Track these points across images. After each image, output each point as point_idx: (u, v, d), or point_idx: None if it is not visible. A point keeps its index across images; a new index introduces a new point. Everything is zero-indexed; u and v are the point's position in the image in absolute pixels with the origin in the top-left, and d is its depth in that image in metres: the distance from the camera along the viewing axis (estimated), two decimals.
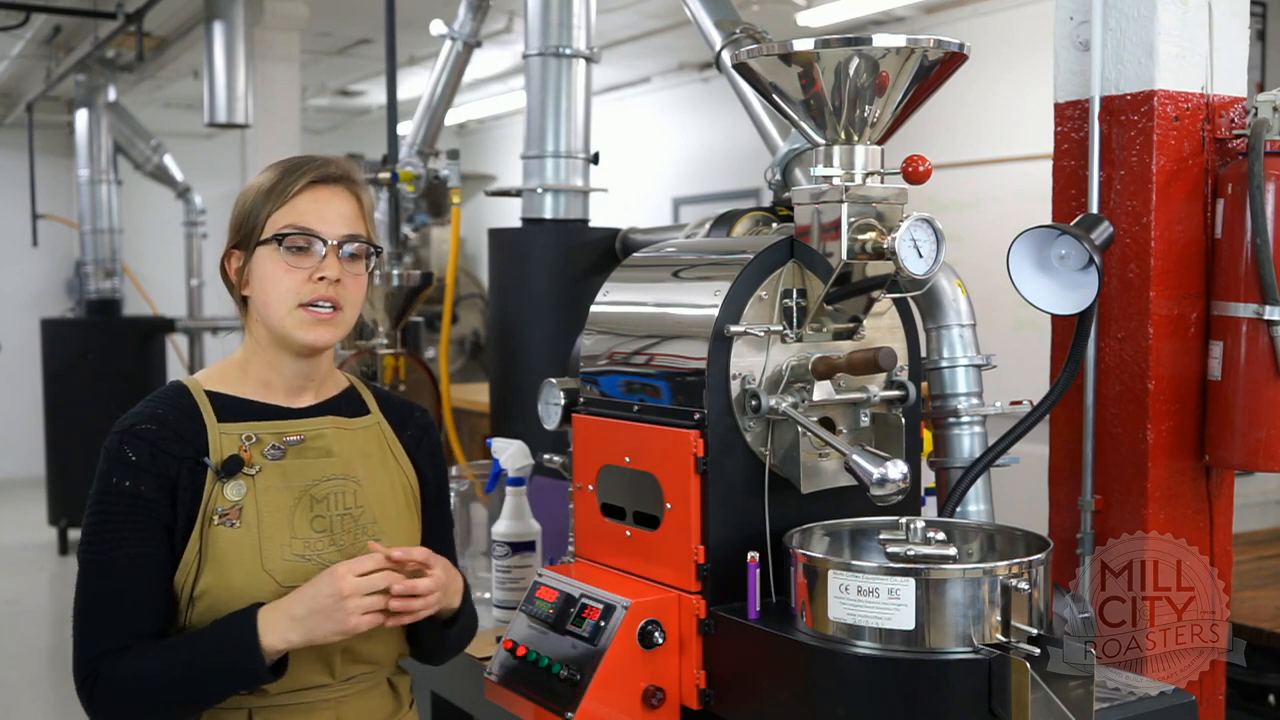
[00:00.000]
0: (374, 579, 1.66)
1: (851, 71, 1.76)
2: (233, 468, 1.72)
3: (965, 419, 2.35)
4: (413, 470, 1.92)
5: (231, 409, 1.77)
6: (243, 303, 1.82)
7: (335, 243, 1.76)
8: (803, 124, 1.88)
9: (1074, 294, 2.10)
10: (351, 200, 1.81)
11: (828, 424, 1.93)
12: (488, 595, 2.59)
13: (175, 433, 1.71)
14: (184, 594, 1.69)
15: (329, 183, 1.79)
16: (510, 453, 2.61)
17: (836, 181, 1.83)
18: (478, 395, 5.94)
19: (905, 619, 1.63)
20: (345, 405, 1.88)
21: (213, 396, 1.77)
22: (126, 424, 1.72)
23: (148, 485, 1.68)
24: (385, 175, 3.82)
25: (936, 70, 1.80)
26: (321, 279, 1.75)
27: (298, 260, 1.75)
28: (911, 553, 1.74)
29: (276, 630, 1.63)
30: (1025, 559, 1.69)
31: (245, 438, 1.74)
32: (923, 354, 2.14)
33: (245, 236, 1.78)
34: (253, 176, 1.84)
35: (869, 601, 1.65)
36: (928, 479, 2.36)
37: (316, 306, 1.75)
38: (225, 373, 1.83)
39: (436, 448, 1.99)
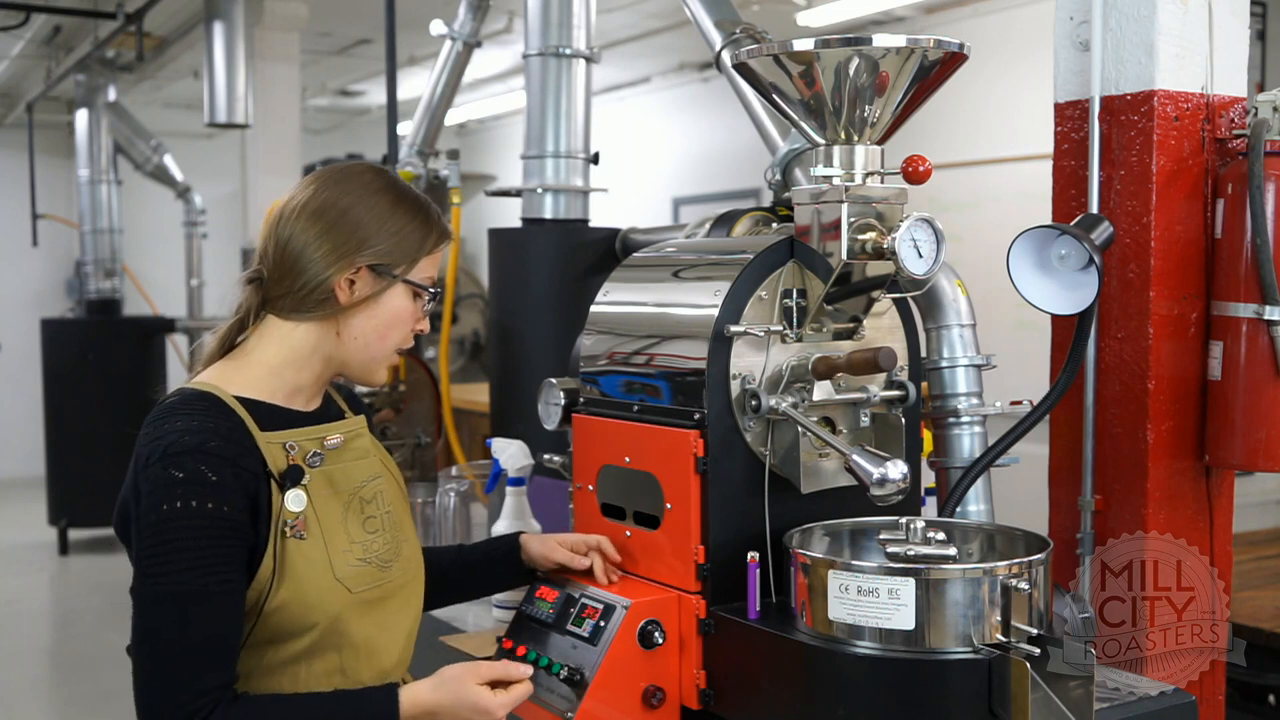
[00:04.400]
0: (519, 695, 1.66)
1: (851, 71, 1.76)
2: (295, 477, 1.65)
3: (965, 419, 2.35)
4: (393, 463, 1.93)
5: (265, 416, 1.69)
6: (318, 309, 1.72)
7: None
8: (803, 124, 1.88)
9: (1074, 294, 2.10)
10: None
11: (828, 424, 1.93)
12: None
13: (244, 447, 1.62)
14: (254, 608, 1.62)
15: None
16: (510, 453, 2.61)
17: (836, 181, 1.84)
18: (478, 395, 5.94)
19: (905, 619, 1.63)
20: (334, 408, 1.86)
21: (243, 404, 1.68)
22: (191, 441, 1.57)
23: (233, 506, 1.57)
24: None
25: (936, 70, 1.80)
26: (418, 330, 1.79)
27: (418, 309, 1.78)
28: (911, 553, 1.74)
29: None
30: (1025, 559, 1.69)
31: (288, 446, 1.67)
32: (923, 354, 2.14)
33: (390, 264, 1.72)
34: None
35: (869, 601, 1.65)
36: (928, 479, 2.36)
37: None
38: (245, 375, 1.72)
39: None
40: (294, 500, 1.64)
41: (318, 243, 1.71)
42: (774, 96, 1.88)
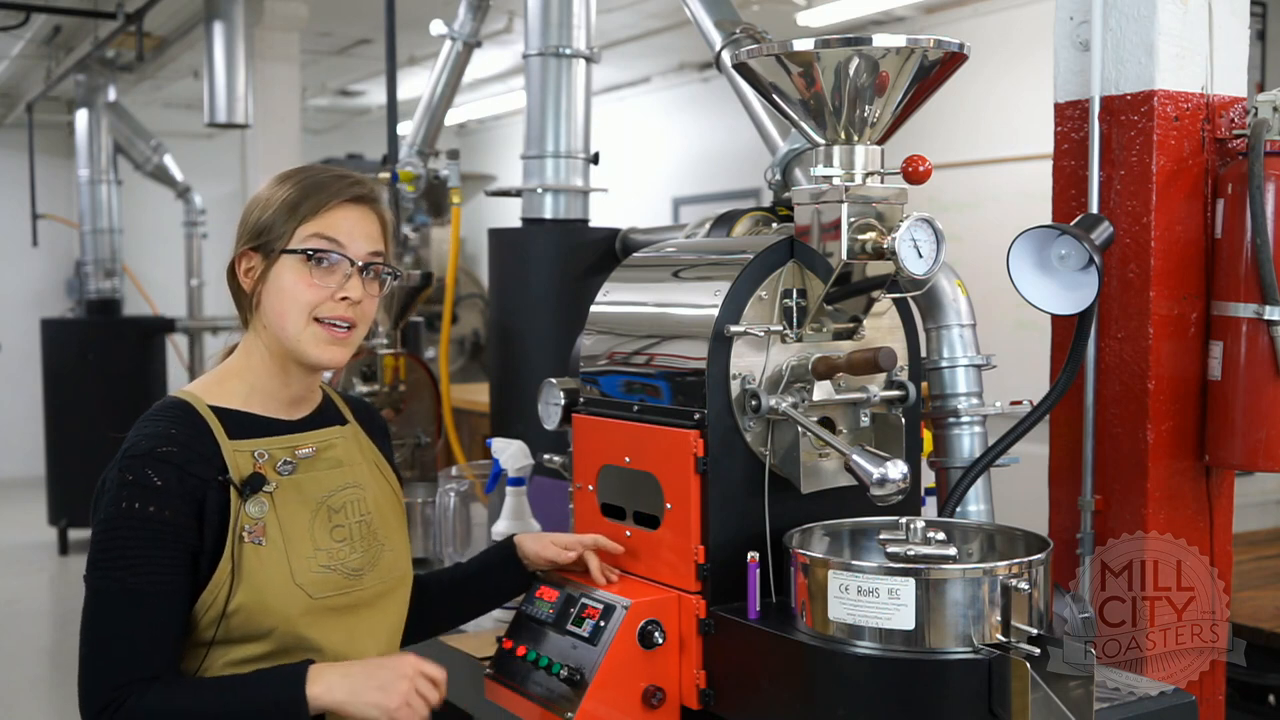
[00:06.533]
0: (435, 671, 1.69)
1: (851, 71, 1.76)
2: (256, 485, 1.68)
3: (965, 419, 2.35)
4: (392, 474, 1.93)
5: (238, 425, 1.73)
6: (248, 309, 1.77)
7: (360, 264, 1.75)
8: (803, 124, 1.88)
9: (1074, 294, 2.10)
10: (378, 222, 1.80)
11: (828, 424, 1.93)
12: None
13: (198, 454, 1.66)
14: (214, 610, 1.65)
15: (359, 203, 1.77)
16: (510, 453, 2.61)
17: (836, 181, 1.84)
18: (478, 395, 5.94)
19: (905, 619, 1.63)
20: (332, 414, 1.87)
21: (218, 413, 1.72)
22: (145, 446, 1.64)
23: (175, 510, 1.62)
24: (385, 175, 3.82)
25: (936, 70, 1.80)
26: (344, 299, 1.73)
27: (322, 277, 1.72)
28: (911, 553, 1.74)
29: (324, 681, 1.62)
30: (1025, 559, 1.69)
31: (257, 455, 1.71)
32: (923, 354, 2.14)
33: (266, 243, 1.73)
34: (255, 177, 1.83)
35: (869, 601, 1.65)
36: (928, 479, 2.36)
37: (334, 325, 1.73)
38: (224, 386, 1.77)
39: (392, 448, 2.02)
40: (254, 507, 1.68)
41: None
42: (774, 96, 1.88)
